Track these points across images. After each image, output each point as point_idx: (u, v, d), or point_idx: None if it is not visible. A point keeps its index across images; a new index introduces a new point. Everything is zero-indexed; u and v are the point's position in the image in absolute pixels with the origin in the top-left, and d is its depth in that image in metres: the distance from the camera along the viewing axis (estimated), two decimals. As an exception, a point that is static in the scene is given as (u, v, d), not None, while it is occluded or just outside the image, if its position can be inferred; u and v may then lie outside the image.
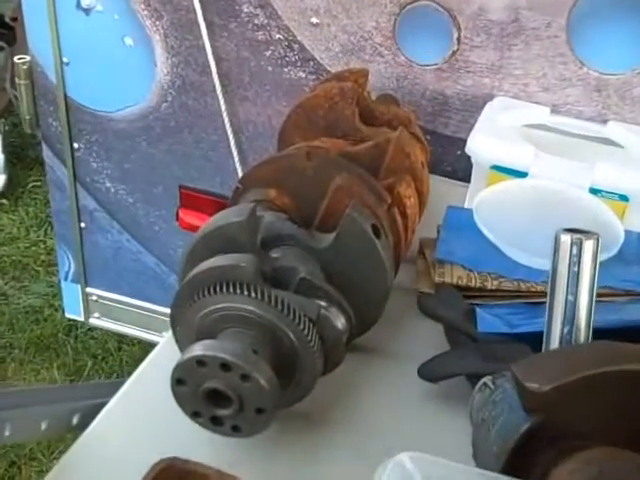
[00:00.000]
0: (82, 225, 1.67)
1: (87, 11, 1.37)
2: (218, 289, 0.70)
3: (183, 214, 1.54)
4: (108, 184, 1.59)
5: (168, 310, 0.75)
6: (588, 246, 0.59)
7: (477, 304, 0.86)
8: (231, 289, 0.69)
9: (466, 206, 1.08)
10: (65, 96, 1.50)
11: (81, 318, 1.85)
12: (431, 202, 1.01)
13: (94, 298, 1.79)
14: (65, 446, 1.37)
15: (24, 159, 2.77)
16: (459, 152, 1.24)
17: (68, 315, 1.86)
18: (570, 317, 0.60)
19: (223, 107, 1.37)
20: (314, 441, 0.74)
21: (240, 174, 1.42)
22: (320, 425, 0.76)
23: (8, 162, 2.62)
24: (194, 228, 1.53)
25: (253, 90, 1.36)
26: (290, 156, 0.86)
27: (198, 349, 0.66)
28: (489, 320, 0.80)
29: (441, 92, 1.22)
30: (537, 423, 0.54)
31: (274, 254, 0.79)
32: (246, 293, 0.69)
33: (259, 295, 0.69)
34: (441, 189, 1.11)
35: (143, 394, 0.79)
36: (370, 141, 0.95)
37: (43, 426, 0.67)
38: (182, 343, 0.74)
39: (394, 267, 0.84)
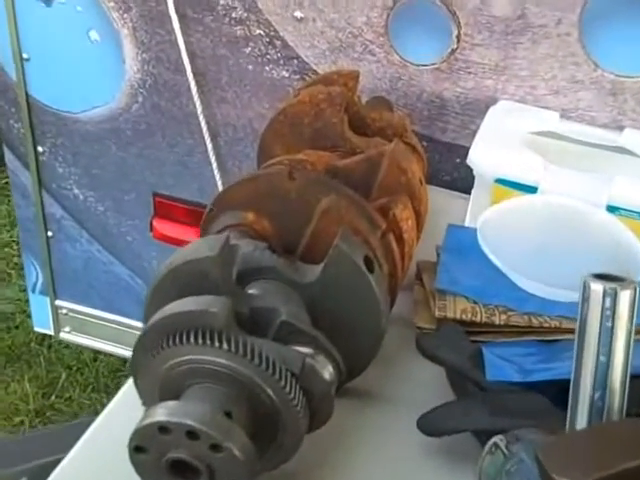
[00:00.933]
0: (49, 234, 1.60)
1: (48, 2, 1.28)
2: (185, 338, 0.61)
3: (157, 224, 1.47)
4: (76, 190, 1.51)
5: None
6: (624, 297, 0.51)
7: (483, 341, 0.79)
8: (200, 339, 0.61)
9: (466, 223, 1.01)
10: (27, 95, 1.42)
11: (51, 332, 1.78)
12: (428, 216, 0.94)
13: (64, 311, 1.72)
14: None
15: (-6, 156, 2.67)
16: (458, 160, 1.17)
17: (37, 329, 1.79)
18: (602, 381, 0.51)
19: (199, 109, 1.30)
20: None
21: (219, 181, 1.35)
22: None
23: (-21, 161, 2.52)
24: (169, 239, 1.46)
25: (232, 90, 1.28)
26: (270, 175, 0.78)
27: (161, 413, 0.57)
28: (499, 366, 0.72)
29: (439, 95, 1.14)
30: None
31: (252, 290, 0.71)
32: (217, 344, 0.60)
33: (233, 346, 0.60)
34: (438, 201, 1.03)
35: (102, 450, 0.71)
36: (361, 153, 0.88)
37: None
38: (144, 395, 0.66)
39: (389, 303, 0.75)
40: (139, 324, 1.59)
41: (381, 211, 0.80)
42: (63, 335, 1.76)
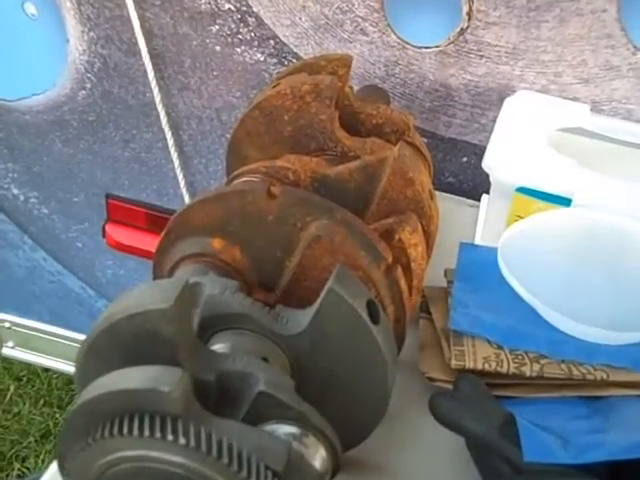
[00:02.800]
0: None
1: (-26, -30, 1.14)
2: (127, 427, 0.47)
3: (111, 229, 1.36)
4: (15, 190, 1.41)
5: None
6: None
7: (510, 397, 0.66)
8: (147, 429, 0.46)
9: (477, 238, 0.91)
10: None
11: None
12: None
13: (6, 325, 1.66)
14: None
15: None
16: (465, 159, 1.05)
17: (-24, 343, 1.70)
18: None
19: (158, 97, 1.18)
20: None
21: (181, 182, 1.22)
22: None
23: None
24: (124, 247, 1.34)
25: (196, 76, 1.16)
26: (243, 193, 0.63)
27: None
28: (538, 440, 0.58)
29: (444, 83, 1.02)
30: None
31: (219, 345, 0.58)
32: (171, 437, 0.46)
33: (192, 439, 0.46)
34: (443, 210, 0.90)
35: None
36: (355, 158, 0.75)
37: None
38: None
39: (396, 354, 0.61)
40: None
41: (384, 236, 0.66)
42: (5, 350, 1.70)
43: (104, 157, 1.29)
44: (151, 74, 1.15)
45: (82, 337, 1.59)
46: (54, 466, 0.67)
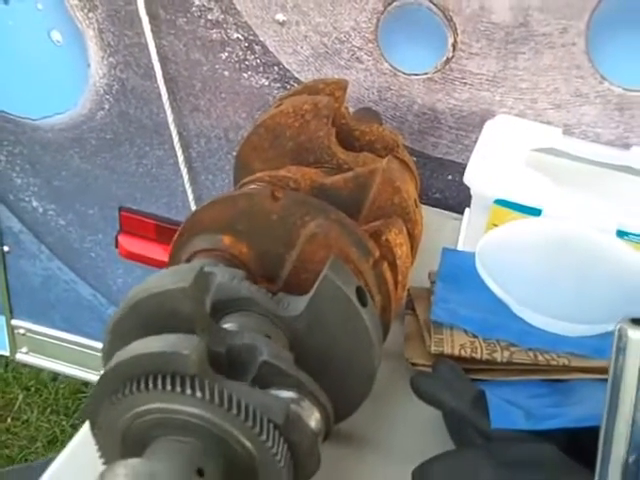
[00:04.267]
0: (5, 249, 1.56)
1: (5, 0, 1.21)
2: (151, 384, 0.54)
3: (123, 240, 1.41)
4: (35, 203, 1.46)
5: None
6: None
7: (483, 380, 0.73)
8: (169, 385, 0.54)
9: (460, 246, 0.96)
10: (-21, 100, 1.36)
11: (6, 353, 1.73)
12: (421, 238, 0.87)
13: (21, 331, 1.69)
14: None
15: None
16: (450, 177, 1.12)
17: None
18: (638, 442, 0.45)
19: (170, 117, 1.25)
20: None
21: (190, 195, 1.28)
22: None
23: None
24: (136, 257, 1.40)
25: (206, 98, 1.22)
26: (250, 195, 0.71)
27: (122, 475, 0.50)
28: (504, 411, 0.66)
29: (431, 107, 1.09)
30: None
31: (228, 324, 0.65)
32: (189, 391, 0.53)
33: (207, 393, 0.53)
34: (429, 221, 0.97)
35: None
36: (349, 169, 0.82)
37: None
38: (103, 447, 0.59)
39: (382, 338, 0.69)
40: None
41: (373, 236, 0.74)
42: (20, 356, 1.73)
43: (119, 172, 1.34)
44: (165, 96, 1.21)
45: (93, 343, 1.65)
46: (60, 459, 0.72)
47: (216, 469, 0.54)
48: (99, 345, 1.66)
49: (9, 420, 1.91)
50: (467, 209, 1.02)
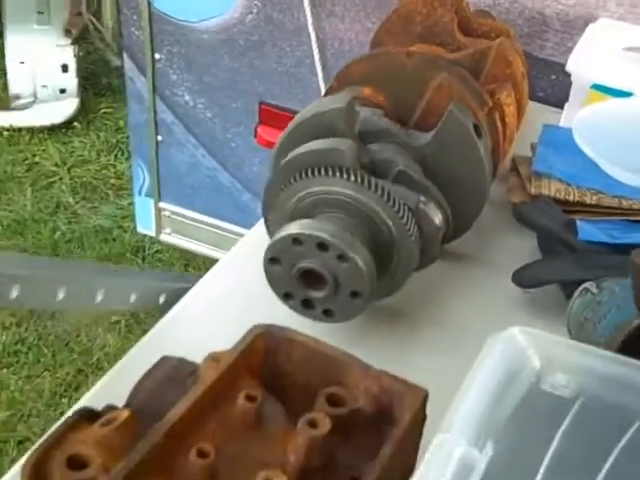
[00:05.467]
0: (159, 138, 1.67)
1: None
2: (316, 172, 0.68)
3: (262, 131, 1.53)
4: (187, 97, 1.58)
5: (240, 229, 0.73)
6: None
7: (575, 218, 0.83)
8: (330, 172, 0.67)
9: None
10: (149, 4, 1.49)
11: (152, 233, 1.86)
12: (522, 124, 0.97)
13: (167, 214, 1.79)
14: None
15: (96, 85, 2.79)
16: (554, 77, 1.20)
17: (140, 230, 1.87)
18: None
19: (309, 21, 1.35)
20: (404, 333, 0.72)
21: (323, 92, 1.39)
22: (410, 319, 0.74)
23: (81, 87, 2.64)
24: (272, 145, 1.51)
25: (341, 5, 1.32)
26: (389, 53, 0.83)
27: (295, 227, 0.64)
28: (589, 230, 0.77)
29: (540, 11, 1.17)
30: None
31: (371, 148, 0.77)
32: (345, 177, 0.67)
33: (359, 179, 0.67)
34: (532, 114, 1.06)
35: (234, 274, 0.79)
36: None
37: (132, 298, 0.66)
38: (274, 229, 0.72)
39: (491, 166, 0.80)
40: (236, 228, 1.67)
41: (488, 94, 0.85)
42: (163, 237, 1.84)
43: (261, 71, 1.45)
44: (306, 2, 1.31)
45: (228, 226, 1.79)
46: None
47: (363, 238, 0.67)
48: (233, 228, 1.81)
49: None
50: (566, 103, 1.11)
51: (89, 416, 0.50)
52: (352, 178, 0.66)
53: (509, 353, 0.45)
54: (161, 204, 1.77)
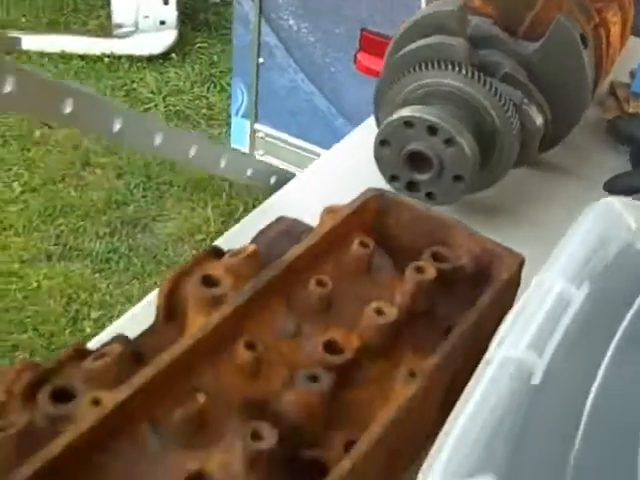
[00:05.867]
0: (260, 60, 1.71)
1: None
2: (429, 65, 0.71)
3: (362, 57, 1.55)
4: (291, 21, 1.62)
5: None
6: None
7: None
8: (442, 65, 0.70)
9: None
10: None
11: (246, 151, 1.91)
12: (622, 56, 0.98)
13: (261, 135, 1.84)
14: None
15: (194, 20, 2.85)
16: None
17: (233, 145, 1.92)
18: None
19: None
20: (498, 227, 0.76)
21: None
22: (505, 215, 0.78)
23: (180, 21, 2.70)
24: (372, 72, 1.54)
25: None
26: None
27: (406, 111, 0.68)
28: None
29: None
30: None
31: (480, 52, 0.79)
32: (457, 70, 0.70)
33: (468, 73, 0.70)
34: (632, 50, 1.06)
35: (344, 163, 0.83)
36: None
37: (249, 172, 0.70)
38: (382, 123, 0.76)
39: (593, 75, 0.82)
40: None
41: (595, 11, 0.86)
42: (256, 157, 1.89)
43: None
44: None
45: (321, 150, 1.83)
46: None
47: (469, 127, 0.70)
48: (324, 152, 1.83)
49: (231, 223, 2.07)
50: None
51: (216, 253, 0.55)
52: (463, 72, 0.69)
53: (606, 215, 0.48)
54: (256, 125, 1.82)
